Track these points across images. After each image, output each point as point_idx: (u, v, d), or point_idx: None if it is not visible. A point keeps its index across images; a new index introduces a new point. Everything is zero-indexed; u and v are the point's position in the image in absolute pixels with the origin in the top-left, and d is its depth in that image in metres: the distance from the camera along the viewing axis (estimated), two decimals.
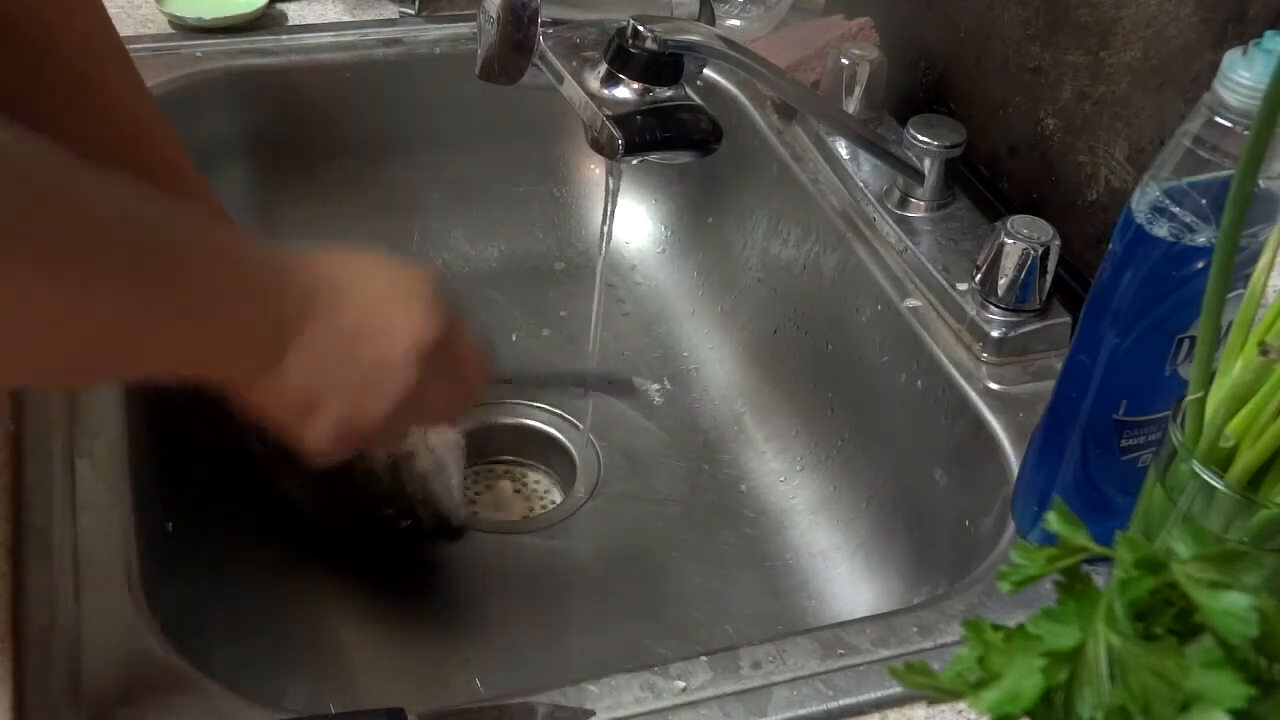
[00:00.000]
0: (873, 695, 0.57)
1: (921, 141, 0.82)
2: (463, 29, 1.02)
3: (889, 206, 0.84)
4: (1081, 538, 0.37)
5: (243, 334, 0.53)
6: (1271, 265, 0.48)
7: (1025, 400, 0.73)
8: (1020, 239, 0.74)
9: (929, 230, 0.82)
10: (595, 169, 1.05)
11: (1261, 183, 0.51)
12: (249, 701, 0.55)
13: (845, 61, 0.86)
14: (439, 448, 0.75)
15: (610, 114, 0.68)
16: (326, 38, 1.00)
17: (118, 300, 0.46)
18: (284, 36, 1.00)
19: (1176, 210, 0.54)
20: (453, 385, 0.62)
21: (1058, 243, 0.74)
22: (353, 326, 0.56)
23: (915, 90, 0.93)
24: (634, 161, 0.69)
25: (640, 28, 0.69)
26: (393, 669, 0.76)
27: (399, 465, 0.75)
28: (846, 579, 0.82)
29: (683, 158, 0.72)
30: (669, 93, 0.70)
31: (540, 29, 0.71)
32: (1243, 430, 0.47)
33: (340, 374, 0.56)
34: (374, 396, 0.57)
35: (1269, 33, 0.50)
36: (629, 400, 0.94)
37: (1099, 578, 0.36)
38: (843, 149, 0.89)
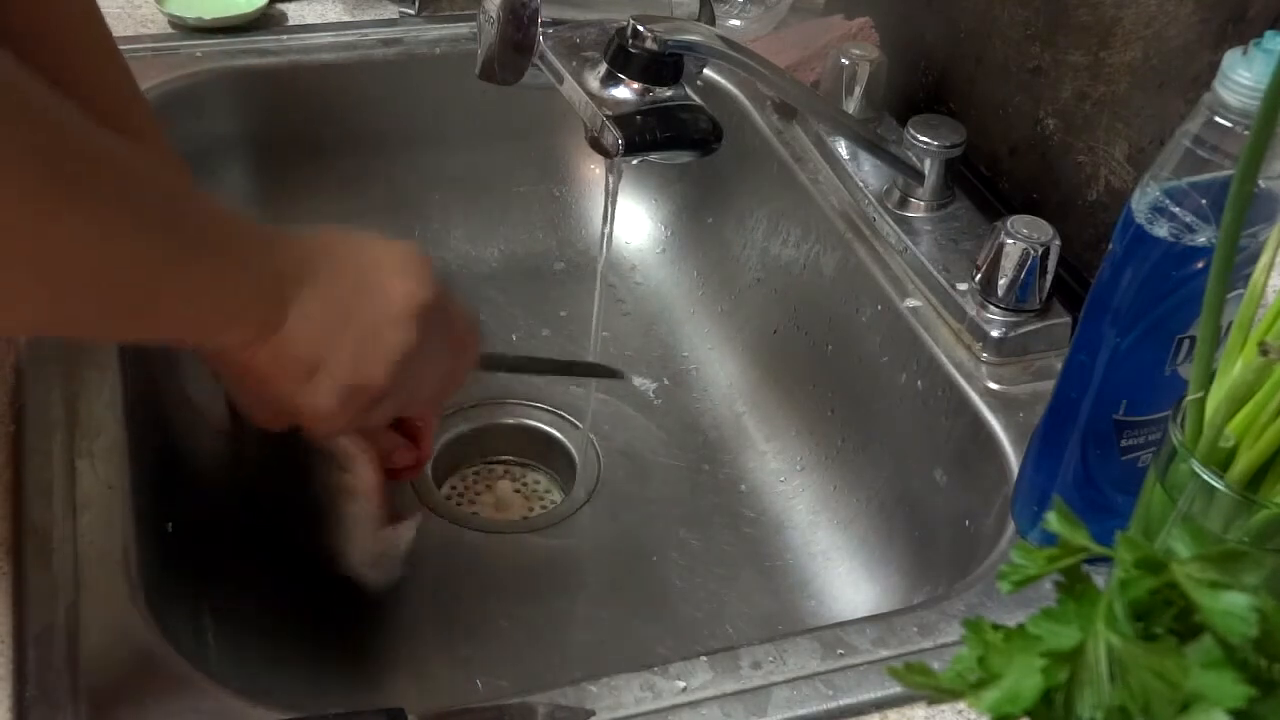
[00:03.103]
0: (873, 695, 0.57)
1: (921, 141, 0.82)
2: (463, 29, 1.02)
3: (889, 206, 0.84)
4: (1081, 538, 0.37)
5: (246, 293, 0.54)
6: (1271, 265, 0.48)
7: (1025, 400, 0.73)
8: (1020, 239, 0.74)
9: (929, 230, 0.82)
10: (595, 169, 1.05)
11: (1261, 183, 0.51)
12: (249, 701, 0.55)
13: (845, 61, 0.86)
14: (393, 521, 0.73)
15: (610, 114, 0.68)
16: (326, 38, 1.00)
17: (134, 245, 0.47)
18: (284, 36, 1.00)
19: (1176, 210, 0.54)
20: (448, 351, 0.63)
21: (1058, 243, 0.74)
22: (350, 288, 0.57)
23: (915, 90, 0.93)
24: (634, 161, 0.69)
25: (640, 28, 0.69)
26: (393, 669, 0.76)
27: (335, 492, 0.72)
28: (846, 579, 0.82)
29: (683, 158, 0.72)
30: (669, 93, 0.70)
31: (540, 29, 0.71)
32: (1243, 430, 0.47)
33: (341, 334, 0.57)
34: (375, 356, 0.58)
35: (1269, 33, 0.50)
36: (629, 400, 0.94)
37: (1099, 578, 0.36)
38: (843, 149, 0.89)
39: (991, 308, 0.76)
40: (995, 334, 0.75)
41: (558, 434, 0.91)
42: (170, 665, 0.56)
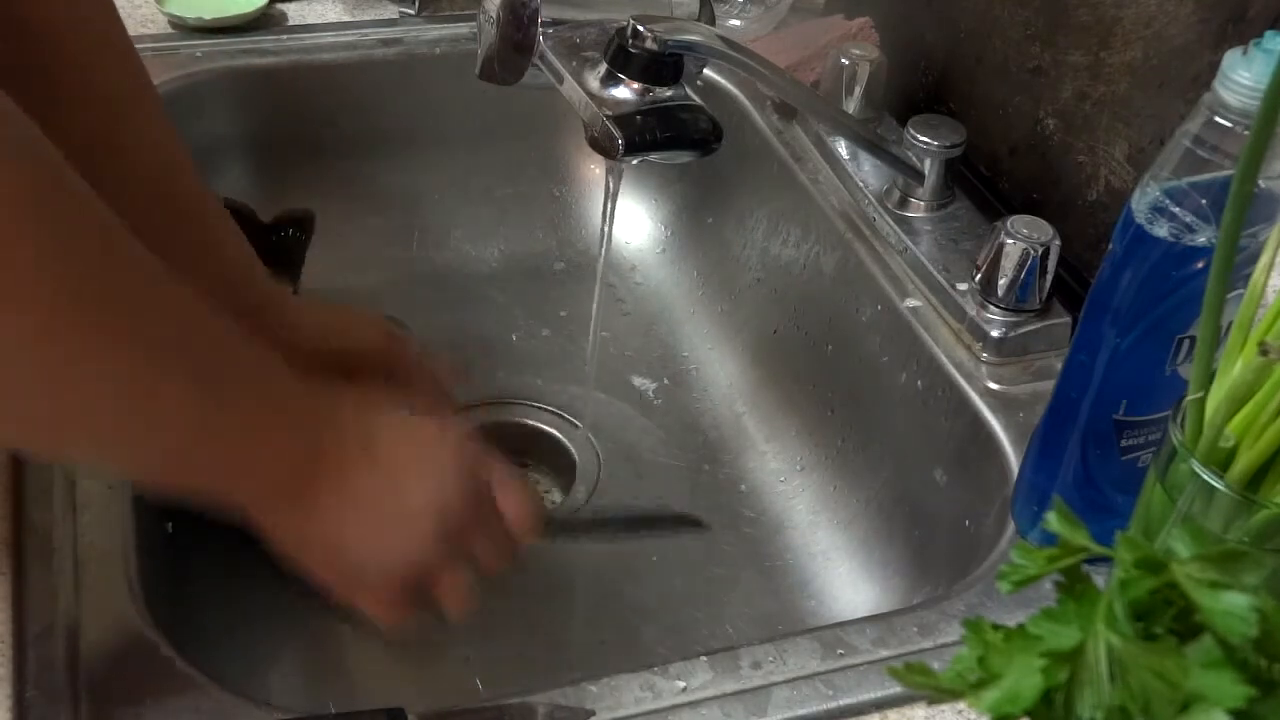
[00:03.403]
0: (873, 695, 0.57)
1: (921, 141, 0.82)
2: (463, 29, 1.02)
3: (889, 206, 0.84)
4: (1081, 538, 0.37)
5: (277, 463, 0.53)
6: (1271, 265, 0.48)
7: (1025, 400, 0.73)
8: (1020, 239, 0.74)
9: (929, 230, 0.82)
10: (595, 169, 1.05)
11: (1261, 183, 0.51)
12: (249, 701, 0.55)
13: (845, 61, 0.86)
14: None
15: (610, 114, 0.68)
16: (326, 38, 1.00)
17: (174, 396, 0.46)
18: (284, 36, 1.00)
19: (1176, 210, 0.54)
20: (469, 550, 0.62)
21: (1058, 243, 0.74)
22: (381, 482, 0.57)
23: (915, 90, 0.93)
24: (634, 161, 0.69)
25: (640, 28, 0.69)
26: (393, 669, 0.76)
27: None
28: (846, 579, 0.82)
29: (683, 158, 0.72)
30: (669, 93, 0.70)
31: (540, 29, 0.71)
32: (1243, 430, 0.47)
33: (362, 526, 0.57)
34: (376, 565, 0.58)
35: (1269, 33, 0.50)
36: (629, 400, 0.94)
37: (1099, 578, 0.36)
38: (843, 149, 0.89)
39: (991, 308, 0.76)
40: (995, 334, 0.75)
41: (558, 434, 0.91)
42: (170, 665, 0.56)
